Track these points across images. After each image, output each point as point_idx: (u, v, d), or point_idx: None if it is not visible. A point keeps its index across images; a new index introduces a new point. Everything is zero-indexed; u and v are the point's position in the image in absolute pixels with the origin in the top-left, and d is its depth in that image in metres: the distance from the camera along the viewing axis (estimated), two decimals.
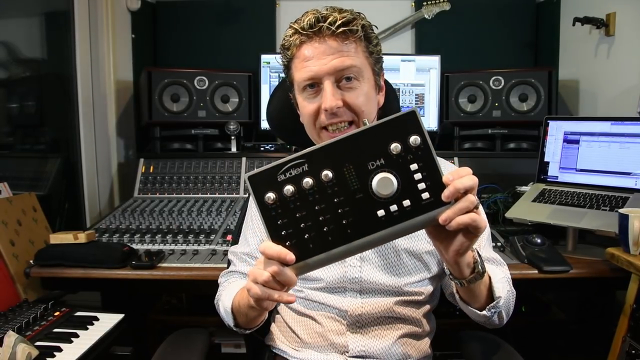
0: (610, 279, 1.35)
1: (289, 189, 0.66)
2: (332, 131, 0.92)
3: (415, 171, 0.65)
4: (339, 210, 0.66)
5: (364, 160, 0.66)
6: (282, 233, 0.67)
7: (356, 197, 0.66)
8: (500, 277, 0.91)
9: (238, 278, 1.06)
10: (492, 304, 0.85)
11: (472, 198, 0.66)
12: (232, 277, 1.08)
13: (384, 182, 0.65)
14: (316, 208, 0.66)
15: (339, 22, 0.87)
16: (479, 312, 0.86)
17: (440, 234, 0.71)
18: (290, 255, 0.66)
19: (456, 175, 0.65)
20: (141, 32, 2.37)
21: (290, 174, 0.66)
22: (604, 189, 1.54)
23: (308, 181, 0.66)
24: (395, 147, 0.65)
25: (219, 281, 1.10)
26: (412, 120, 0.65)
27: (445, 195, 0.65)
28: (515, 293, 0.97)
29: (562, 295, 1.99)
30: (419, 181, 0.65)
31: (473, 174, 0.67)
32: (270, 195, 0.66)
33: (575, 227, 1.45)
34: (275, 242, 0.67)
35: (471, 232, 0.68)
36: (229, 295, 0.95)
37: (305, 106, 0.93)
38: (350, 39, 0.89)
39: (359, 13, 0.92)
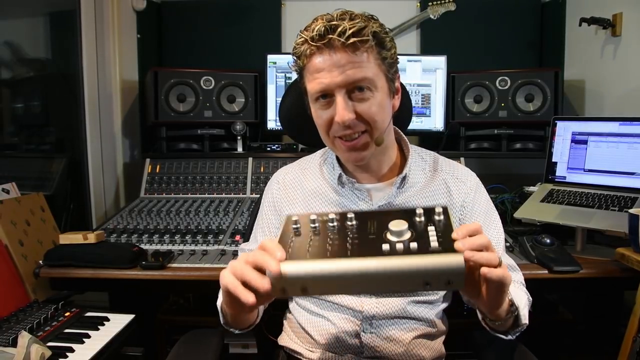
0: (619, 279, 1.35)
1: (314, 220, 0.71)
2: (345, 140, 0.91)
3: (431, 231, 0.66)
4: (348, 239, 0.68)
5: (388, 220, 0.69)
6: (289, 243, 0.68)
7: (369, 237, 0.68)
8: (524, 301, 0.92)
9: None
10: (517, 329, 0.87)
11: (490, 255, 0.65)
12: None
13: (398, 223, 0.66)
14: (330, 236, 0.69)
15: (348, 33, 0.83)
16: (504, 336, 0.88)
17: (473, 291, 0.71)
18: (282, 253, 0.64)
19: (466, 230, 0.65)
20: (147, 32, 2.37)
21: (322, 217, 0.72)
22: (612, 189, 1.54)
23: (333, 222, 0.71)
24: (419, 214, 0.69)
25: None
26: (443, 211, 0.69)
27: (458, 245, 0.62)
28: (531, 300, 0.99)
29: (568, 295, 1.99)
30: (432, 236, 0.66)
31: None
32: (296, 220, 0.72)
33: (584, 227, 1.45)
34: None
35: (496, 287, 0.69)
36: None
37: (319, 116, 0.92)
38: (362, 49, 0.86)
39: (370, 16, 0.89)
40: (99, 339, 1.17)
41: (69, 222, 1.99)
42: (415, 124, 2.18)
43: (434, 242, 0.64)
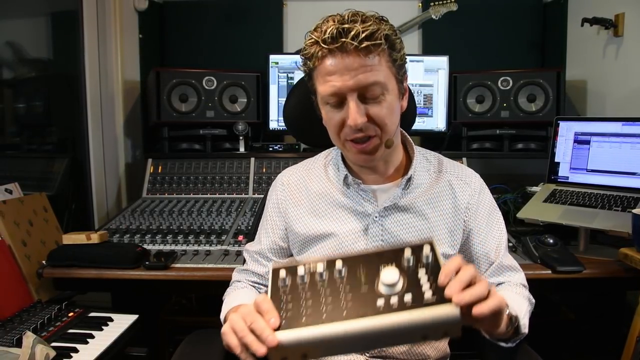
0: (622, 279, 1.36)
1: (302, 276, 0.71)
2: (356, 143, 0.91)
3: (422, 276, 0.67)
4: (341, 297, 0.68)
5: (378, 264, 0.69)
6: (282, 306, 0.69)
7: (361, 289, 0.68)
8: (524, 309, 0.92)
9: (247, 282, 1.08)
10: (517, 337, 0.87)
11: (480, 288, 0.66)
12: (245, 276, 1.09)
13: (389, 274, 0.67)
14: (321, 294, 0.69)
15: (362, 36, 0.82)
16: (504, 344, 0.88)
17: (470, 321, 0.71)
18: (276, 319, 0.66)
19: (448, 271, 0.66)
20: (148, 32, 2.38)
21: (309, 267, 0.72)
22: (615, 190, 1.54)
23: (322, 273, 0.71)
24: (407, 254, 0.69)
25: (232, 275, 1.12)
26: (430, 247, 0.70)
27: (448, 293, 0.63)
28: (534, 302, 0.99)
29: (570, 295, 1.99)
30: (424, 284, 0.66)
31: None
32: (285, 278, 0.71)
33: (587, 228, 1.45)
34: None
35: (492, 316, 0.69)
36: (228, 305, 0.97)
37: (331, 118, 0.91)
38: (374, 52, 0.85)
39: (381, 18, 0.89)
40: (103, 339, 1.17)
41: (70, 222, 1.99)
42: (418, 124, 2.18)
43: (427, 292, 0.64)
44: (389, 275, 0.66)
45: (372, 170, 0.99)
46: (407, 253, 0.69)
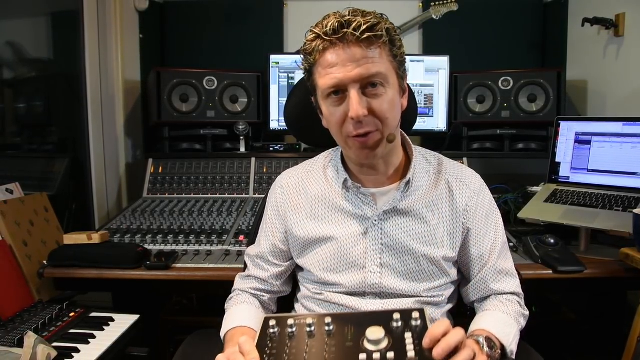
0: (623, 279, 1.35)
1: (291, 325, 0.73)
2: (358, 137, 0.90)
3: (408, 338, 0.68)
4: (325, 348, 0.70)
5: (365, 324, 0.71)
6: (266, 350, 0.71)
7: (346, 344, 0.70)
8: (513, 334, 0.93)
9: (250, 291, 1.07)
10: None
11: (467, 355, 0.68)
12: (247, 284, 1.08)
13: (374, 332, 0.68)
14: (306, 343, 0.71)
15: (363, 27, 0.83)
16: None
17: None
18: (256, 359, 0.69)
19: (433, 335, 0.67)
20: (149, 32, 2.38)
21: (300, 320, 0.74)
22: (616, 190, 1.54)
23: (310, 327, 0.73)
24: (396, 317, 0.71)
25: (235, 281, 1.11)
26: (420, 314, 0.72)
27: (436, 354, 0.65)
28: (527, 315, 1.00)
29: (571, 295, 2.00)
30: (409, 345, 0.67)
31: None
32: (274, 326, 0.74)
33: (588, 228, 1.45)
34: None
35: None
36: (227, 325, 0.99)
37: (332, 114, 0.90)
38: (375, 44, 0.85)
39: (381, 15, 0.89)
40: (104, 339, 1.18)
41: (71, 222, 1.99)
42: (418, 124, 2.16)
43: (410, 352, 0.65)
44: (374, 332, 0.68)
45: (371, 171, 0.98)
46: (396, 316, 0.71)
